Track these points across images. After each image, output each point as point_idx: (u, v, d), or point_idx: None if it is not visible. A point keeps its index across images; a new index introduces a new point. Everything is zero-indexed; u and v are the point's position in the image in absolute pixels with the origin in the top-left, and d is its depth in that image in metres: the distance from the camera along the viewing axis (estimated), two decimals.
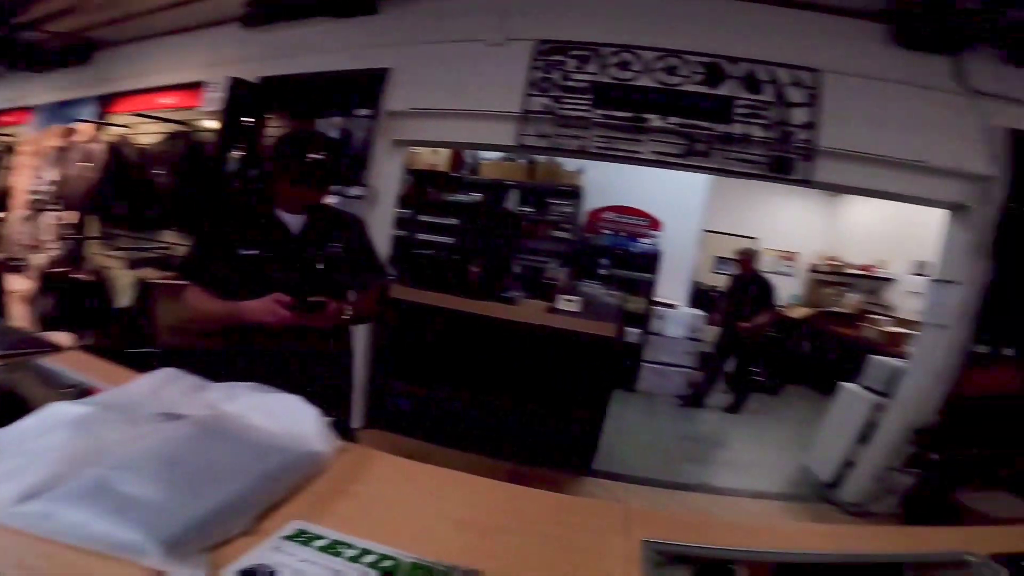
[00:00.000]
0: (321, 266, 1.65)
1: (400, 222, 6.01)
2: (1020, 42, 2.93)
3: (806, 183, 3.11)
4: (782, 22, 3.19)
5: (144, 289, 3.78)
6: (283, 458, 0.99)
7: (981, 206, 3.04)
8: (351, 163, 3.58)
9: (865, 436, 3.50)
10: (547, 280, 5.42)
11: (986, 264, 2.98)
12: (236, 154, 4.06)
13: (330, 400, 1.71)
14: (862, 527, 2.75)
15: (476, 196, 6.21)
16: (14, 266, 4.98)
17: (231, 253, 1.58)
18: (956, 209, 3.19)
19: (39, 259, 4.74)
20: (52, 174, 4.64)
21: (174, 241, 4.24)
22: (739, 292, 4.90)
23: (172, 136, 4.25)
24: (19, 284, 4.90)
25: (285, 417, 1.12)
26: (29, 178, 5.05)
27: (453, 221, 6.16)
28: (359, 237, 1.82)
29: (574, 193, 6.06)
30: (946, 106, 3.06)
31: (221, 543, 0.80)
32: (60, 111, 5.27)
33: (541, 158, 5.96)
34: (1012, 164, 2.94)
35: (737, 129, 3.12)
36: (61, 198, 4.47)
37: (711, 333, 5.60)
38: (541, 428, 3.44)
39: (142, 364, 1.43)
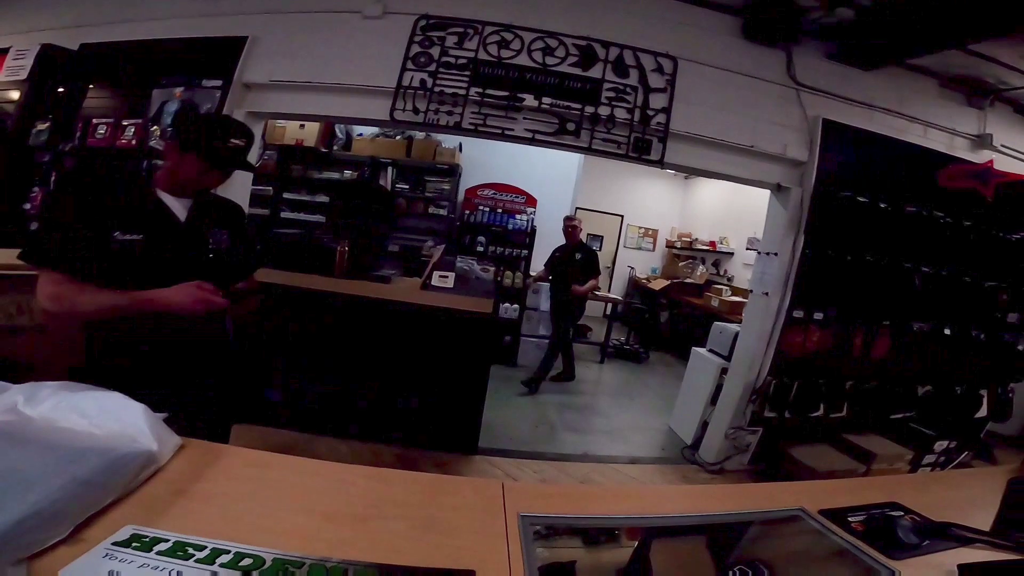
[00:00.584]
0: (212, 255, 1.57)
1: (261, 200, 5.55)
2: (843, 40, 3.42)
3: (660, 163, 3.37)
4: (650, 9, 3.41)
5: None
6: (103, 460, 0.86)
7: (797, 187, 3.53)
8: None
9: (715, 398, 3.90)
10: (423, 257, 5.36)
11: (801, 238, 3.46)
12: (43, 126, 3.60)
13: (215, 390, 1.62)
14: (718, 486, 3.01)
15: (349, 174, 5.90)
16: None
17: (105, 237, 1.36)
18: (777, 190, 3.65)
19: None
20: None
21: None
22: (568, 259, 5.12)
23: None
24: None
25: (106, 416, 0.98)
26: None
27: (323, 199, 5.81)
28: (241, 226, 1.74)
29: (451, 171, 6.00)
30: (777, 97, 3.50)
31: (38, 553, 0.73)
32: None
33: (419, 135, 5.81)
34: (821, 149, 3.44)
35: (604, 111, 3.28)
36: None
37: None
38: (423, 409, 3.39)
39: None
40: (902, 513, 1.22)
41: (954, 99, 3.82)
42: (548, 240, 5.61)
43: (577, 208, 6.61)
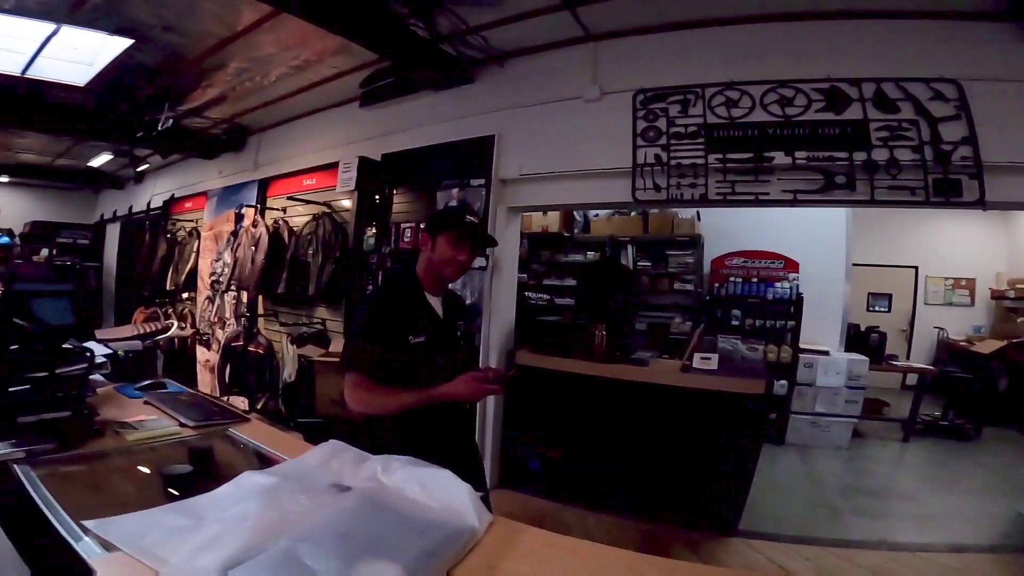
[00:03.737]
0: (462, 345, 1.87)
1: (523, 287, 6.20)
2: None
3: (981, 205, 2.66)
4: (901, 35, 2.92)
5: (307, 365, 4.24)
6: (442, 533, 1.02)
7: None
8: None
9: None
10: (672, 335, 5.19)
11: None
12: (371, 232, 4.43)
13: (476, 461, 1.85)
14: None
15: (591, 255, 6.21)
16: (202, 340, 5.90)
17: (403, 342, 1.64)
18: None
19: (221, 333, 5.56)
20: (227, 256, 5.45)
21: (326, 317, 4.74)
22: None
23: (315, 217, 4.77)
24: (206, 355, 5.84)
25: (439, 491, 1.16)
26: (209, 260, 5.95)
27: (570, 282, 6.19)
28: (468, 314, 2.03)
29: (692, 242, 5.82)
30: None
31: None
32: (229, 195, 5.92)
33: (654, 209, 5.86)
34: None
35: (881, 155, 2.81)
36: (236, 279, 5.20)
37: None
38: (684, 488, 3.19)
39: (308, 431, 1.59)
40: None
41: None
42: (817, 307, 4.90)
43: (854, 264, 5.67)
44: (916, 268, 7.90)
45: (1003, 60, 2.74)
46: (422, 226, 3.86)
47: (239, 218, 5.51)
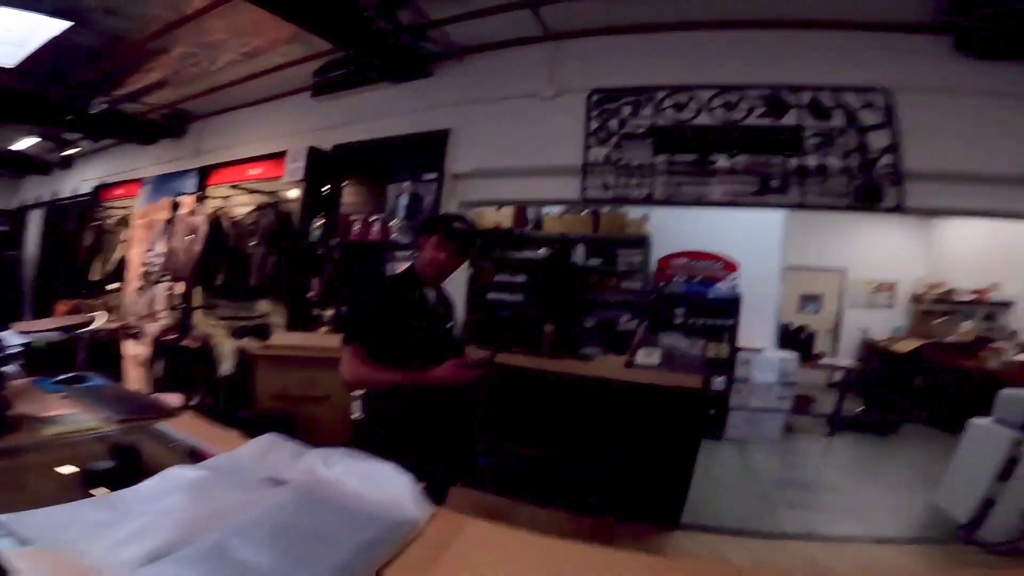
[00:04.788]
0: (453, 334, 2.03)
1: (472, 283, 6.19)
2: None
3: (899, 210, 2.90)
4: (839, 42, 3.09)
5: (246, 359, 4.07)
6: (382, 525, 1.01)
7: None
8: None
9: (1006, 473, 3.11)
10: (620, 332, 5.31)
11: None
12: (318, 223, 4.32)
13: (459, 449, 1.98)
14: None
15: (543, 251, 6.25)
16: (131, 333, 5.56)
17: (402, 324, 1.79)
18: None
19: (152, 327, 5.24)
20: (161, 246, 5.16)
21: (269, 310, 4.55)
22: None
23: (259, 207, 4.58)
24: (135, 349, 5.44)
25: (380, 483, 1.15)
26: (142, 250, 5.57)
27: (521, 279, 6.23)
28: (454, 310, 2.17)
29: (641, 242, 5.98)
30: None
31: None
32: (165, 183, 5.63)
33: (605, 208, 5.98)
34: None
35: (812, 160, 2.99)
36: (169, 269, 4.95)
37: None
38: (628, 482, 3.27)
39: (246, 427, 1.55)
40: None
41: None
42: (755, 306, 5.14)
43: (788, 267, 5.99)
44: (844, 271, 8.42)
45: (931, 71, 2.95)
46: (421, 228, 3.96)
47: (175, 206, 5.24)
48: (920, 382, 6.49)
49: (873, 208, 2.91)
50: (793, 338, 6.20)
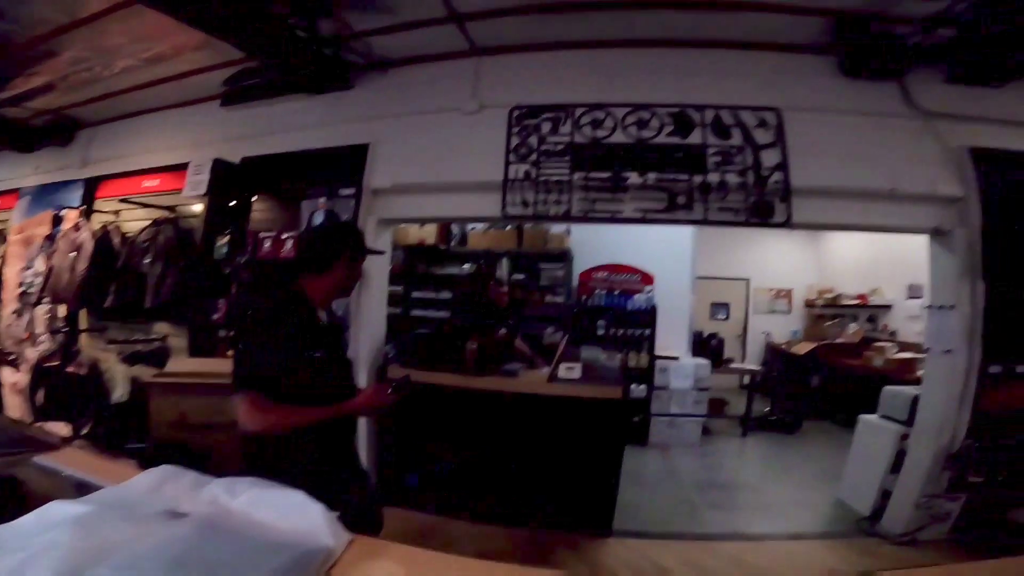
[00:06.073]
0: (348, 356, 1.93)
1: (393, 299, 6.05)
2: (959, 61, 3.05)
3: (787, 225, 3.12)
4: (738, 64, 3.31)
5: (140, 387, 3.71)
6: (292, 555, 0.95)
7: (960, 228, 3.07)
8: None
9: (896, 465, 3.41)
10: (545, 346, 5.37)
11: (980, 284, 2.97)
12: (223, 240, 3.99)
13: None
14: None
15: (467, 267, 6.25)
16: (7, 359, 4.89)
17: (301, 357, 1.60)
18: (936, 234, 3.22)
19: (31, 352, 4.65)
20: (40, 264, 4.59)
21: (167, 332, 4.18)
22: None
23: (156, 222, 4.20)
24: (13, 377, 4.79)
25: (290, 512, 1.08)
26: (18, 268, 4.91)
27: (446, 295, 6.17)
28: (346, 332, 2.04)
29: (563, 256, 6.12)
30: (903, 131, 3.15)
31: None
32: (47, 195, 5.11)
33: (528, 224, 6.07)
34: (979, 182, 3.00)
35: (714, 178, 3.18)
36: (50, 290, 4.41)
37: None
38: (557, 492, 3.29)
39: (140, 458, 1.39)
40: None
41: None
42: (669, 317, 5.40)
43: (698, 278, 6.35)
44: (748, 280, 9.08)
45: (818, 91, 3.22)
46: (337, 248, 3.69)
47: (57, 220, 4.71)
48: (817, 381, 7.08)
49: (765, 223, 3.13)
50: (705, 344, 6.56)
